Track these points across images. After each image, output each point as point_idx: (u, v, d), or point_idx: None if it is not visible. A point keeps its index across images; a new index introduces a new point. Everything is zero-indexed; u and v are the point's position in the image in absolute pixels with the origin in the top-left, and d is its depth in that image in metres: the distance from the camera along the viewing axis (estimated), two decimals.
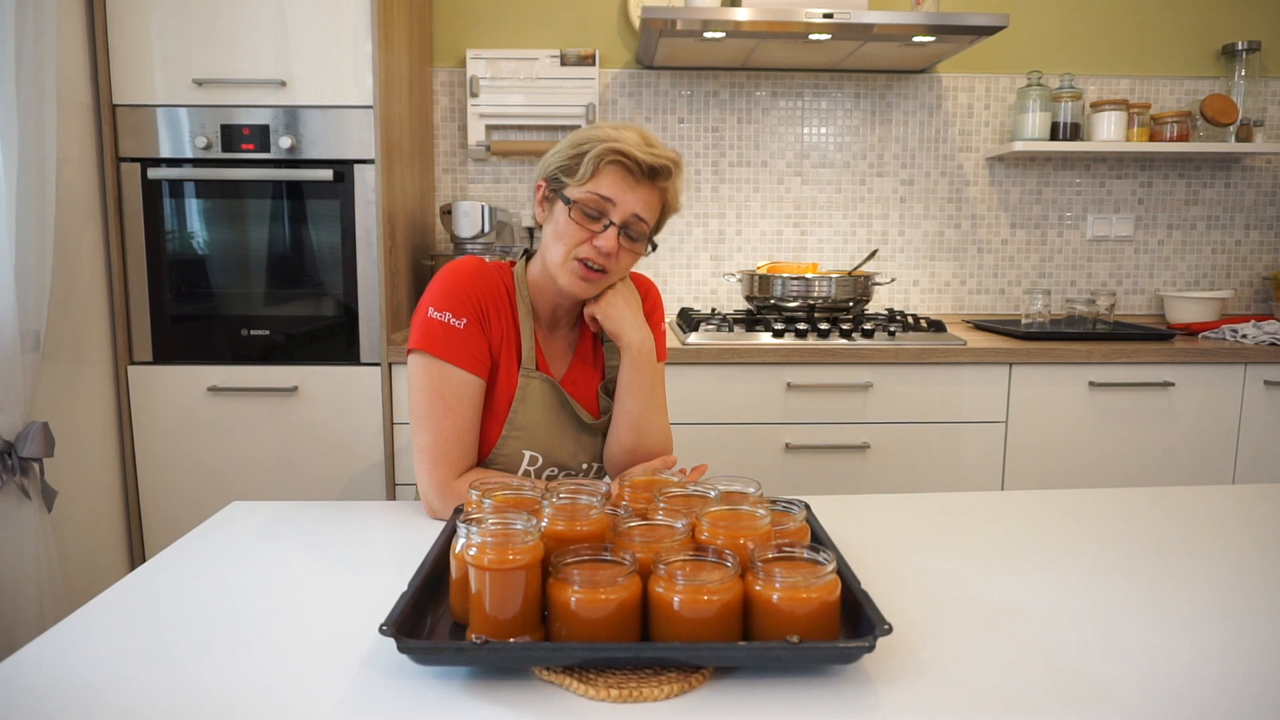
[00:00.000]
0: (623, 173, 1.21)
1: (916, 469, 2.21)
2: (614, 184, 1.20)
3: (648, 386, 1.28)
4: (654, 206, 1.25)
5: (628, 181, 1.21)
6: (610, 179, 1.21)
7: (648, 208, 1.23)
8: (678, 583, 0.78)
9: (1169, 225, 2.83)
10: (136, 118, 2.08)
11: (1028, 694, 0.74)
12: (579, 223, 1.22)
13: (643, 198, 1.22)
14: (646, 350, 1.27)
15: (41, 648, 0.82)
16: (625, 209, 1.21)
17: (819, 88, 2.72)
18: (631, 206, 1.21)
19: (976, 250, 2.81)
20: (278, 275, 2.16)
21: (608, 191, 1.21)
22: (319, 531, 1.15)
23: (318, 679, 0.77)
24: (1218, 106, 2.60)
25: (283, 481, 2.17)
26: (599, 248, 1.21)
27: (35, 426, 1.66)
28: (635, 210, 1.22)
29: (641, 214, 1.23)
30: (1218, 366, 2.23)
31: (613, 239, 1.21)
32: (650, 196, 1.23)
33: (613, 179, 1.21)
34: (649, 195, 1.23)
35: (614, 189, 1.20)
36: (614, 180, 1.21)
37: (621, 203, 1.21)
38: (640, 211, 1.22)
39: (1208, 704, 0.73)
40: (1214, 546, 1.11)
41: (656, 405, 1.30)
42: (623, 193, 1.21)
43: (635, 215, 1.22)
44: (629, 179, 1.21)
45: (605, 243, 1.21)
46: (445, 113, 2.68)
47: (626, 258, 1.25)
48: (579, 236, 1.22)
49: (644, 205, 1.23)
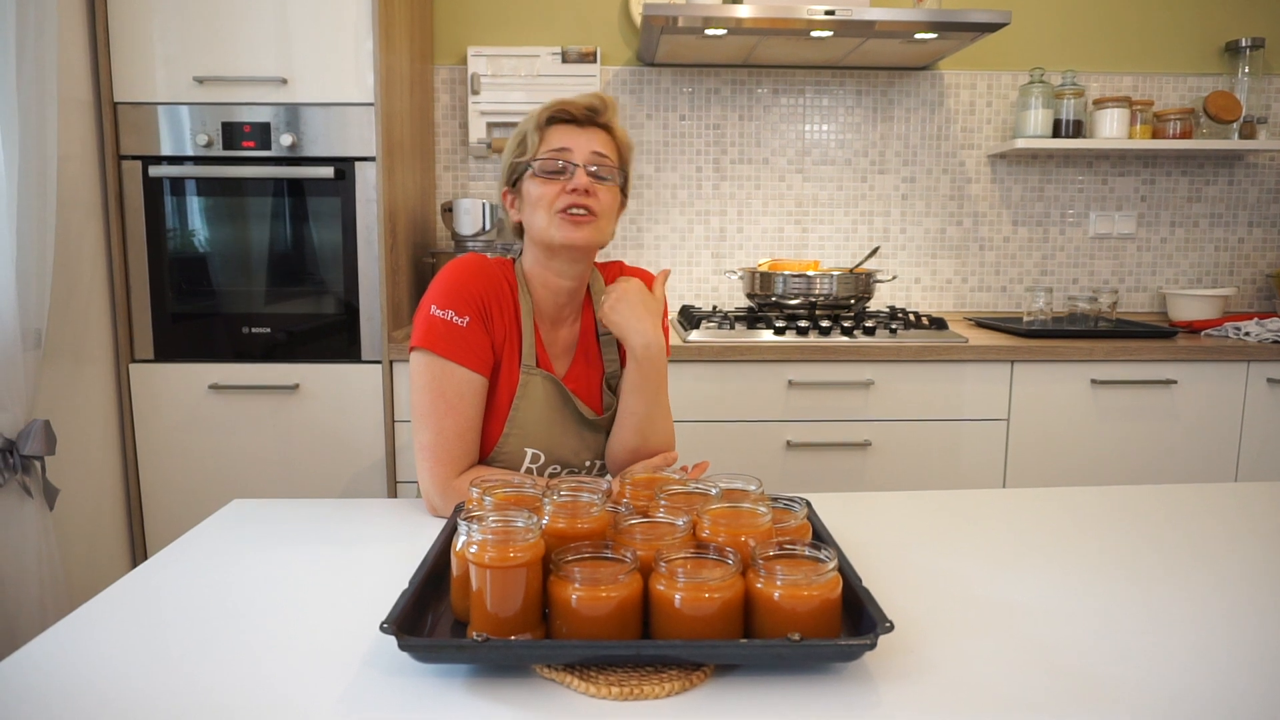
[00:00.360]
0: (566, 125, 1.27)
1: (918, 467, 2.21)
2: (562, 136, 1.27)
3: (653, 389, 1.27)
4: (608, 145, 1.29)
5: (574, 129, 1.27)
6: (557, 134, 1.27)
7: (603, 145, 1.28)
8: (679, 580, 0.78)
9: (1172, 223, 2.82)
10: (138, 115, 2.08)
11: (1029, 692, 0.74)
12: (547, 179, 1.25)
13: (593, 138, 1.27)
14: (652, 353, 1.26)
15: (43, 645, 0.82)
16: (582, 150, 1.26)
17: (820, 85, 2.72)
18: (586, 146, 1.26)
19: (978, 248, 2.80)
20: (279, 273, 2.16)
21: (559, 143, 1.26)
22: (320, 529, 1.15)
23: (319, 677, 0.77)
24: (1221, 103, 2.59)
25: (284, 479, 2.17)
26: (575, 188, 1.24)
27: (37, 424, 1.66)
28: (593, 148, 1.26)
29: (601, 150, 1.27)
30: (1220, 364, 2.22)
31: (582, 176, 1.25)
32: (598, 135, 1.28)
33: (560, 133, 1.27)
34: (597, 135, 1.28)
35: (564, 139, 1.26)
36: (560, 133, 1.27)
37: (576, 146, 1.26)
38: (598, 148, 1.27)
39: (1210, 702, 0.73)
40: (1216, 545, 1.10)
41: (661, 406, 1.29)
42: (573, 138, 1.26)
43: (594, 153, 1.26)
44: (574, 127, 1.27)
45: (577, 181, 1.24)
46: (446, 110, 2.68)
47: (605, 195, 1.27)
48: (551, 191, 1.25)
49: (599, 143, 1.27)
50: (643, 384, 1.27)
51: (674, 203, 2.74)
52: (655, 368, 1.27)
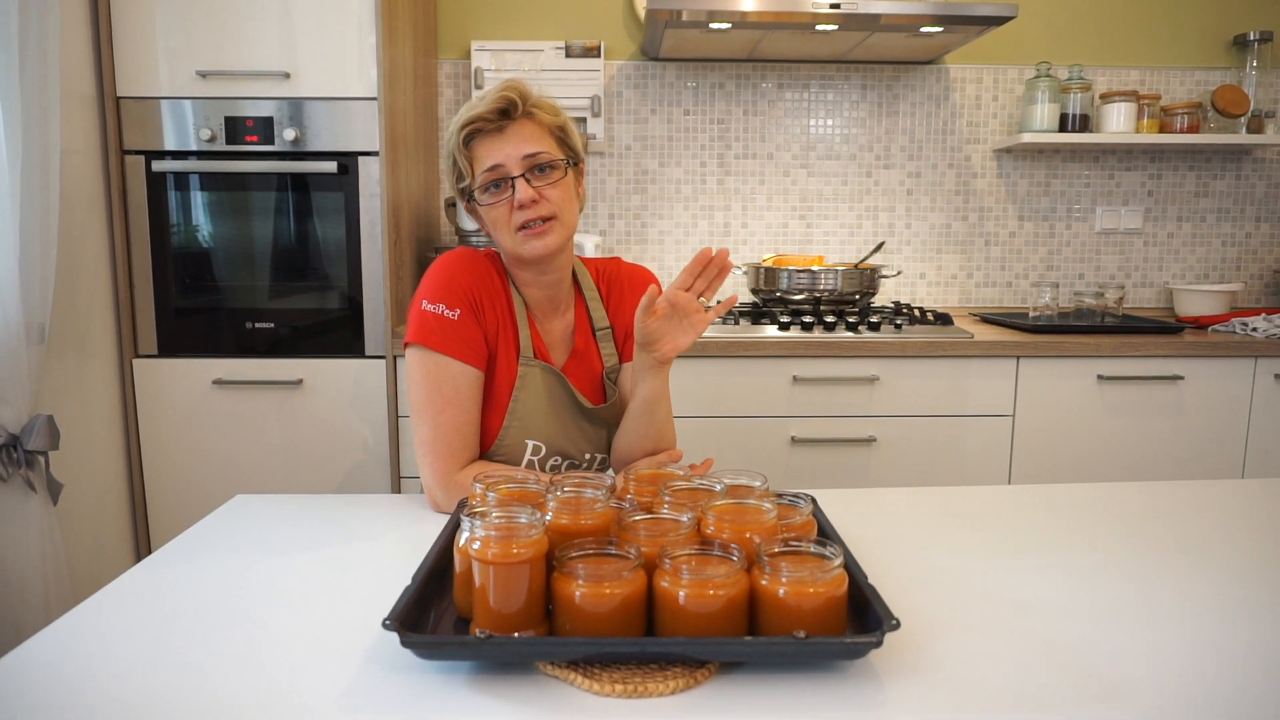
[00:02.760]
0: (485, 137, 1.21)
1: (923, 463, 2.20)
2: (488, 151, 1.21)
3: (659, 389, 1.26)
4: (535, 137, 1.22)
5: (495, 139, 1.21)
6: (482, 150, 1.21)
7: (529, 141, 1.21)
8: (683, 577, 0.77)
9: (1179, 217, 2.80)
10: (141, 110, 2.08)
11: (1036, 690, 0.74)
12: (493, 203, 1.23)
13: (515, 138, 1.21)
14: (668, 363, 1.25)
15: (47, 640, 0.82)
16: (512, 159, 1.20)
17: (825, 79, 2.71)
18: (515, 153, 1.20)
19: (984, 243, 2.79)
20: (282, 268, 2.16)
21: (487, 160, 1.21)
22: (323, 525, 1.15)
23: (321, 672, 0.76)
24: (1229, 97, 2.57)
25: (287, 474, 2.17)
26: (520, 203, 1.21)
27: (40, 419, 1.66)
28: (519, 153, 1.21)
29: (528, 150, 1.21)
30: (1227, 360, 2.21)
31: (525, 190, 1.20)
32: (522, 131, 1.21)
33: (483, 148, 1.21)
34: (519, 132, 1.21)
35: (490, 154, 1.21)
36: (485, 148, 1.21)
37: (505, 157, 1.20)
38: (524, 149, 1.21)
39: (1218, 699, 0.73)
40: (1223, 542, 1.10)
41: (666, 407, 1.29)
42: (499, 150, 1.20)
43: (524, 156, 1.21)
44: (494, 136, 1.21)
45: (520, 195, 1.21)
46: (450, 105, 2.67)
47: (553, 191, 1.23)
48: (503, 212, 1.23)
49: (523, 142, 1.21)
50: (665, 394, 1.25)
51: (678, 198, 2.73)
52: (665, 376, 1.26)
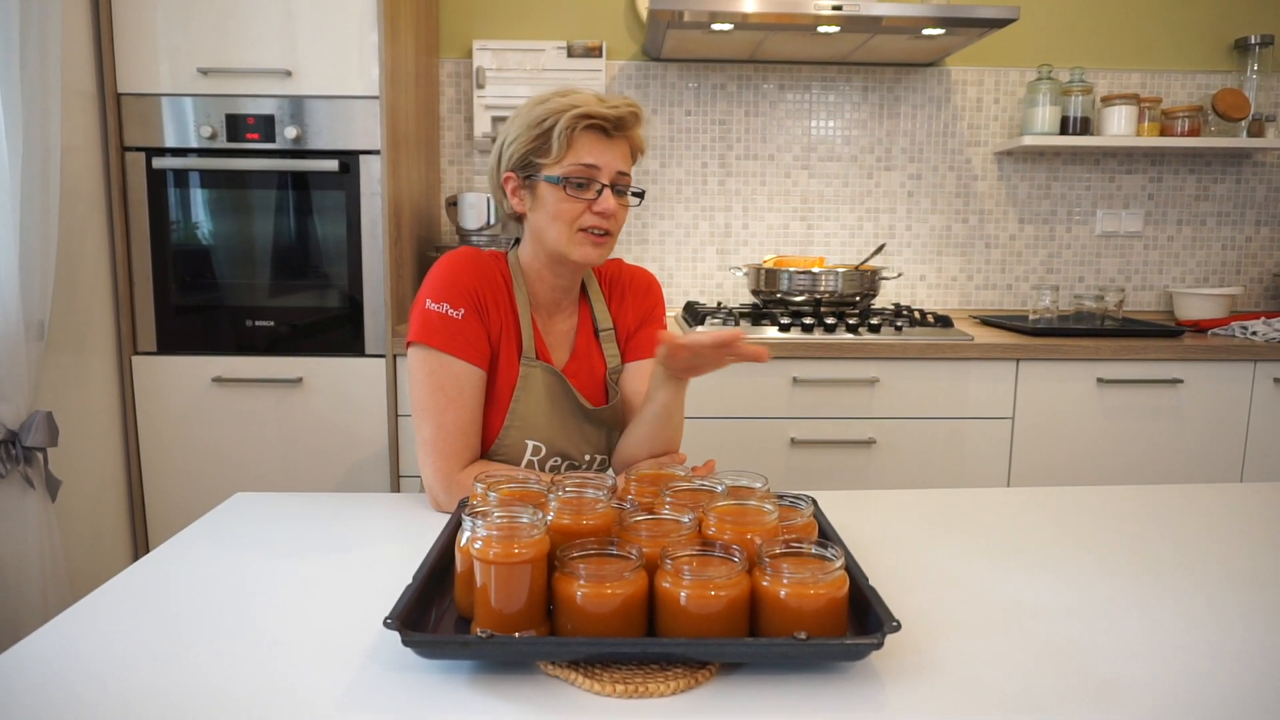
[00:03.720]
0: (595, 135, 1.22)
1: (922, 465, 2.20)
2: (592, 149, 1.22)
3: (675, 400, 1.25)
4: (629, 157, 1.27)
5: (603, 142, 1.23)
6: (586, 145, 1.22)
7: (625, 160, 1.26)
8: (684, 578, 0.77)
9: (1179, 221, 2.81)
10: (141, 107, 2.08)
11: (1036, 692, 0.74)
12: (573, 197, 1.23)
13: (619, 153, 1.24)
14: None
15: (45, 638, 0.82)
16: (610, 168, 1.23)
17: (827, 81, 2.71)
18: (614, 165, 1.24)
19: (984, 245, 2.79)
20: (283, 266, 2.16)
21: (589, 158, 1.22)
22: (323, 523, 1.15)
23: (322, 671, 0.76)
24: (1230, 101, 2.58)
25: (286, 473, 2.17)
26: (601, 212, 1.23)
27: (39, 416, 1.66)
28: (618, 167, 1.24)
29: (623, 169, 1.25)
30: (1227, 364, 2.21)
31: (610, 200, 1.23)
32: (624, 149, 1.26)
33: (589, 144, 1.22)
34: (622, 148, 1.25)
35: (594, 154, 1.22)
36: (590, 145, 1.22)
37: (605, 164, 1.23)
38: (622, 167, 1.25)
39: (1219, 702, 0.73)
40: (1223, 545, 1.10)
41: (679, 416, 1.28)
42: (603, 154, 1.23)
43: (619, 172, 1.24)
44: (603, 139, 1.23)
45: (605, 205, 1.23)
46: (451, 104, 2.67)
47: (622, 214, 1.28)
48: (576, 209, 1.23)
49: (622, 159, 1.25)
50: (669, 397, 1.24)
51: (679, 198, 2.73)
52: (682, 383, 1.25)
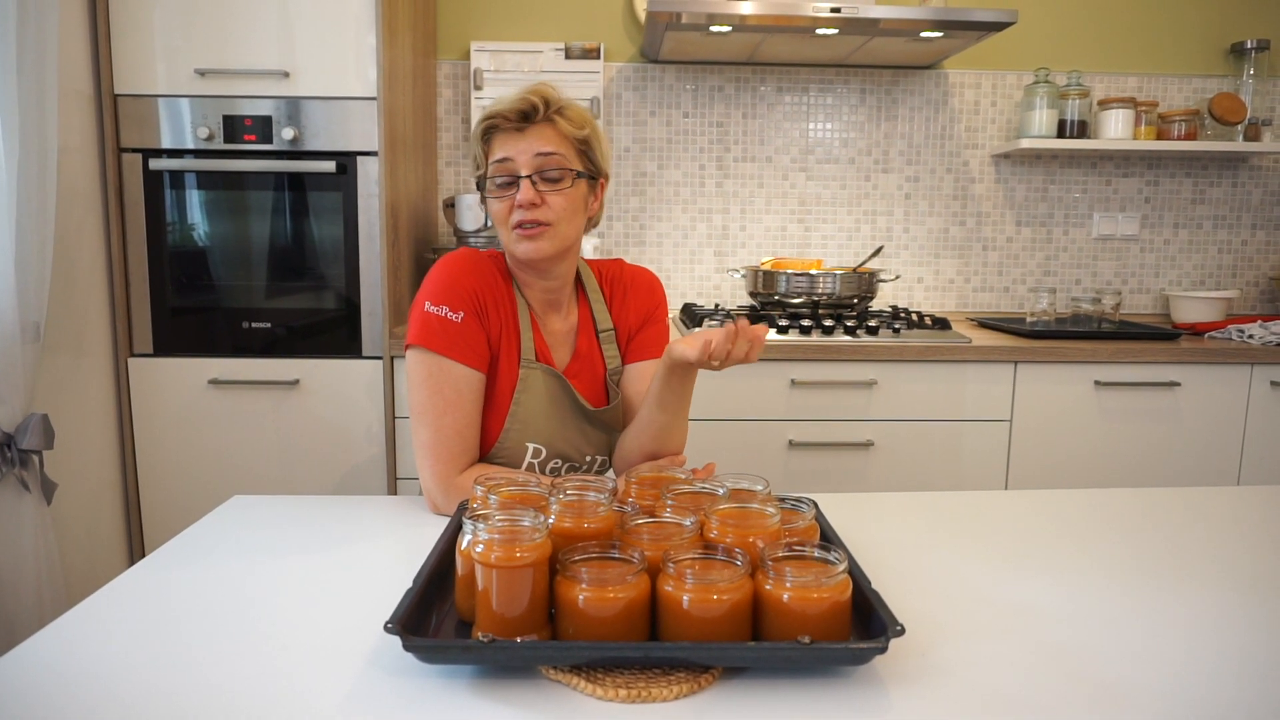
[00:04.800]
0: (503, 134, 1.23)
1: (920, 467, 2.20)
2: (502, 144, 1.22)
3: (680, 401, 1.25)
4: (554, 139, 1.22)
5: (510, 136, 1.22)
6: (498, 143, 1.23)
7: (546, 142, 1.22)
8: (687, 581, 0.77)
9: (1175, 224, 2.81)
10: (138, 108, 2.07)
11: (1040, 696, 0.73)
12: (498, 196, 1.23)
13: (533, 140, 1.21)
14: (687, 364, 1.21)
15: (43, 642, 0.81)
16: (523, 158, 1.21)
17: (825, 83, 2.71)
18: (529, 151, 1.21)
19: (981, 248, 2.80)
20: (279, 268, 2.15)
21: (500, 153, 1.22)
22: (322, 526, 1.14)
23: (323, 676, 0.76)
24: (1226, 105, 2.59)
25: (283, 475, 2.16)
26: (520, 203, 1.21)
27: (35, 418, 1.65)
28: (535, 151, 1.21)
29: (544, 150, 1.21)
30: (1224, 367, 2.22)
31: (527, 190, 1.20)
32: (542, 134, 1.22)
33: (499, 142, 1.23)
34: (539, 134, 1.21)
35: (504, 147, 1.22)
36: (501, 142, 1.23)
37: (516, 154, 1.21)
38: (541, 149, 1.21)
39: (1222, 706, 0.72)
40: (1222, 548, 1.10)
41: (683, 417, 1.28)
42: (512, 145, 1.21)
43: (539, 154, 1.21)
44: (510, 134, 1.22)
45: (522, 195, 1.21)
46: (449, 105, 2.66)
47: (556, 199, 1.23)
48: (504, 208, 1.23)
49: (540, 143, 1.21)
50: (669, 395, 1.23)
51: (676, 200, 2.73)
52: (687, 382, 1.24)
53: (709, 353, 1.11)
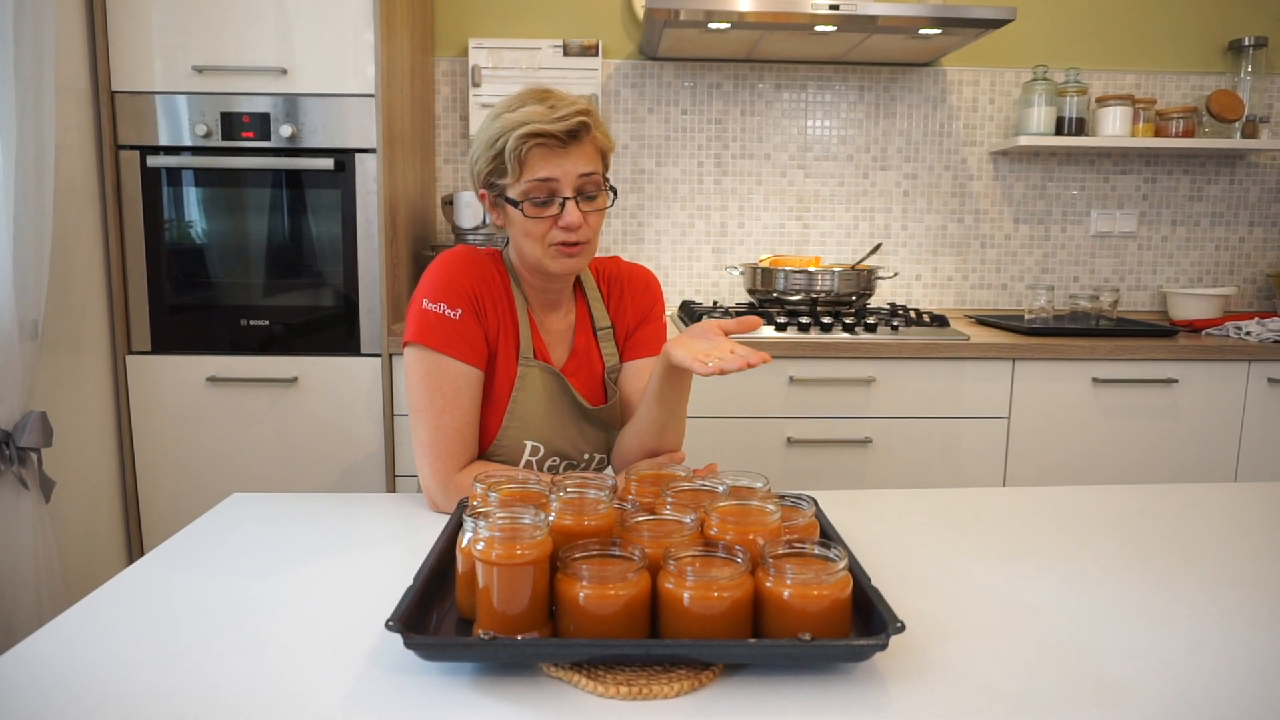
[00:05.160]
0: (545, 150, 1.18)
1: (919, 464, 2.21)
2: (545, 164, 1.18)
3: (679, 398, 1.25)
4: (591, 158, 1.22)
5: (557, 153, 1.18)
6: (538, 161, 1.18)
7: (588, 162, 1.21)
8: (688, 579, 0.77)
9: (1173, 221, 2.82)
10: (135, 105, 2.06)
11: (1041, 693, 0.74)
12: (536, 216, 1.20)
13: (576, 159, 1.19)
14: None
15: (42, 641, 0.81)
16: (568, 179, 1.19)
17: (823, 80, 2.71)
18: (574, 172, 1.19)
19: (979, 245, 2.80)
20: (277, 265, 2.15)
21: (544, 173, 1.18)
22: (322, 524, 1.14)
23: (324, 675, 0.76)
24: (1224, 102, 2.59)
25: (282, 473, 2.16)
26: (567, 226, 1.20)
27: (33, 416, 1.65)
28: (579, 172, 1.20)
29: (587, 170, 1.21)
30: (1221, 364, 2.22)
31: (574, 213, 1.19)
32: (582, 153, 1.20)
33: (541, 160, 1.18)
34: (580, 153, 1.20)
35: (547, 168, 1.18)
36: (543, 160, 1.18)
37: (562, 176, 1.19)
38: (584, 169, 1.20)
39: (1223, 703, 0.73)
40: (1219, 545, 1.10)
41: (681, 414, 1.28)
42: (558, 165, 1.18)
43: (582, 175, 1.20)
44: (555, 152, 1.18)
45: (570, 219, 1.19)
46: (447, 102, 2.66)
47: (595, 218, 1.23)
48: (543, 226, 1.21)
49: (584, 162, 1.20)
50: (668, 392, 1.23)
51: (675, 197, 2.73)
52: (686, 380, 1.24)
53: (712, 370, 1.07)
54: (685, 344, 1.13)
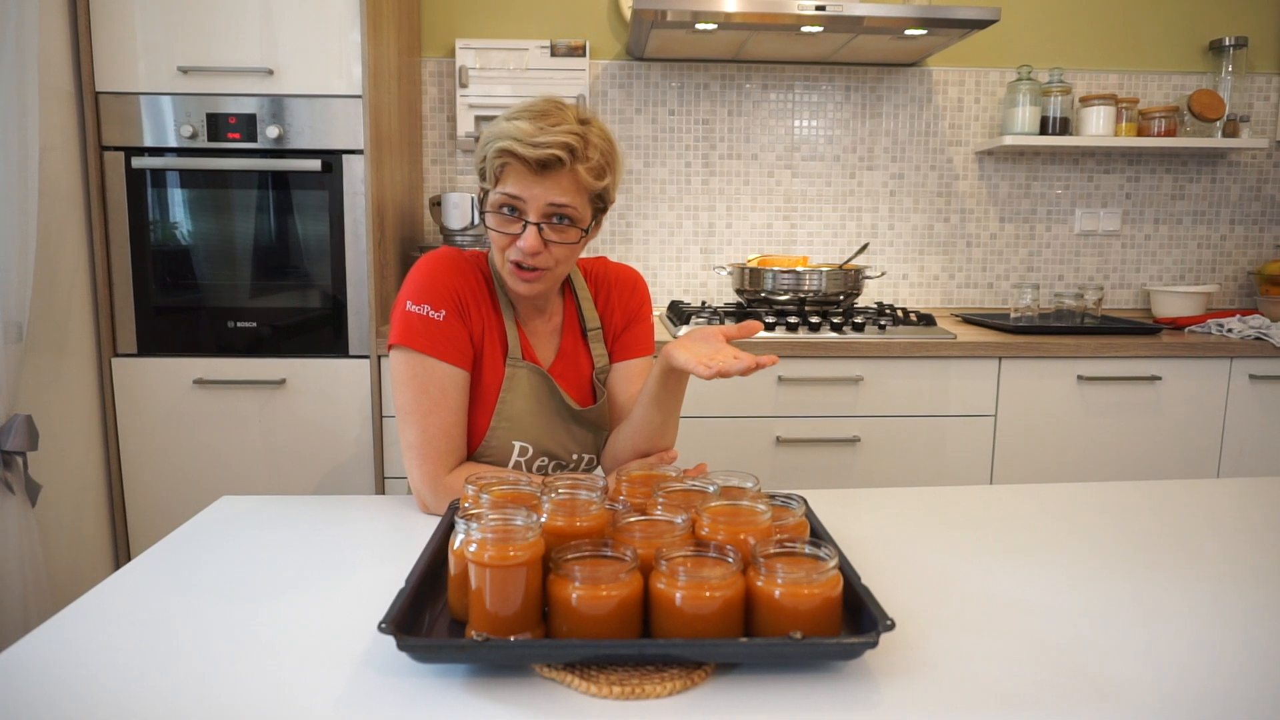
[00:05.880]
0: (520, 169, 1.14)
1: (906, 462, 2.22)
2: (517, 182, 1.15)
3: (676, 401, 1.26)
4: (569, 191, 1.16)
5: (528, 177, 1.15)
6: (512, 177, 1.15)
7: (563, 194, 1.15)
8: (680, 579, 0.77)
9: (1156, 220, 2.84)
10: (120, 105, 2.05)
11: (1030, 688, 0.74)
12: (499, 227, 1.19)
13: (548, 188, 1.15)
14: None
15: (30, 647, 0.81)
16: (536, 205, 1.16)
17: (810, 81, 2.72)
18: (541, 200, 1.15)
19: (965, 244, 2.82)
20: (264, 267, 2.14)
21: (514, 190, 1.16)
22: (311, 526, 1.14)
23: (317, 677, 0.76)
24: (1205, 102, 2.61)
25: (270, 475, 2.15)
26: (522, 248, 1.18)
27: (19, 419, 1.64)
28: (549, 201, 1.16)
29: (558, 202, 1.16)
30: (1204, 361, 2.24)
31: (532, 238, 1.16)
32: (557, 183, 1.15)
33: (514, 177, 1.15)
34: (554, 183, 1.15)
35: (519, 187, 1.15)
36: (516, 178, 1.15)
37: (530, 198, 1.15)
38: (555, 200, 1.15)
39: (1215, 698, 0.74)
40: (1203, 540, 1.11)
41: (676, 416, 1.29)
42: (528, 189, 1.15)
43: (551, 205, 1.16)
44: (528, 174, 1.14)
45: (526, 243, 1.17)
46: (434, 103, 2.65)
47: (560, 250, 1.20)
48: (504, 240, 1.20)
49: (557, 194, 1.15)
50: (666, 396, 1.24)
51: (663, 197, 2.74)
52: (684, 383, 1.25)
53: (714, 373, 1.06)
54: (688, 346, 1.13)
